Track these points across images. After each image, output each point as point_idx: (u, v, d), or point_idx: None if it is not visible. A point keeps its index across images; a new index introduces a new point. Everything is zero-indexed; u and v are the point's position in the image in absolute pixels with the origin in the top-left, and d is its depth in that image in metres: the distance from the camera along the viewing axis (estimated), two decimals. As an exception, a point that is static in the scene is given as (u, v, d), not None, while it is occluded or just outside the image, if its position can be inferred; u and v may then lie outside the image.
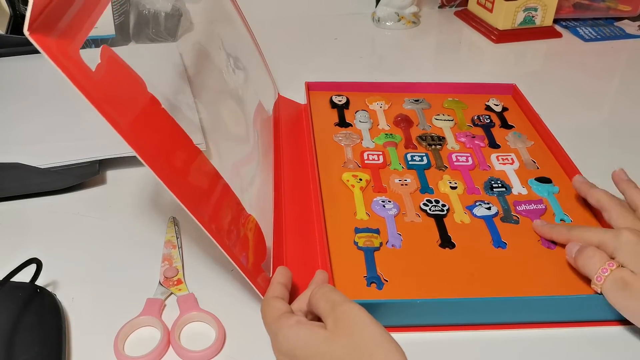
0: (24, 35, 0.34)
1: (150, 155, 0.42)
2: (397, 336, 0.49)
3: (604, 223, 0.59)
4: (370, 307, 0.48)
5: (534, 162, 0.69)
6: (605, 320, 0.51)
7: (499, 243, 0.57)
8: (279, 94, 0.82)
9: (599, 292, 0.49)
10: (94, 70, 0.40)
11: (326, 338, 0.40)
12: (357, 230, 0.58)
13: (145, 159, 0.41)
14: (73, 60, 0.38)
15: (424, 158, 0.69)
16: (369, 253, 0.55)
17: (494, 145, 0.73)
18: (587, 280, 0.53)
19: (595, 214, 0.61)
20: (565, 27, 1.10)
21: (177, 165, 0.46)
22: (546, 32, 1.07)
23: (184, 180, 0.46)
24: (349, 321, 0.40)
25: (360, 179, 0.65)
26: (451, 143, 0.73)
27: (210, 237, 0.45)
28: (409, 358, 0.48)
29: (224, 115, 0.60)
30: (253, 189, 0.58)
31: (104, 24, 0.89)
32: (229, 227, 0.49)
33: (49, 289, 0.51)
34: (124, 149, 0.66)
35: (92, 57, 0.95)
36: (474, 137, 0.73)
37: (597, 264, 0.50)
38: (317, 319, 0.45)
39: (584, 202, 0.63)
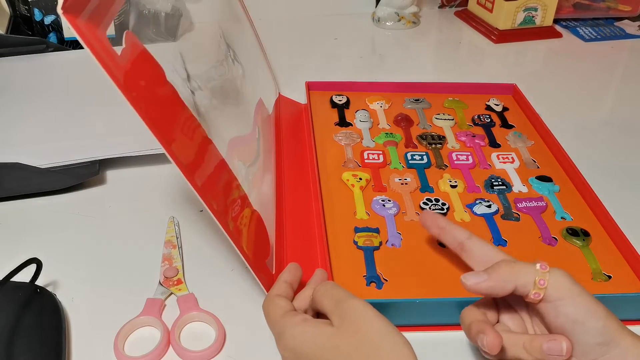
0: (24, 35, 0.34)
1: (168, 142, 0.43)
2: (398, 335, 0.49)
3: (604, 222, 0.60)
4: (371, 306, 0.48)
5: (534, 161, 0.69)
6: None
7: (499, 241, 0.57)
8: (279, 93, 0.82)
9: (540, 298, 0.41)
10: (119, 54, 0.41)
11: (333, 334, 0.40)
12: (357, 230, 0.58)
13: (164, 144, 0.42)
14: (101, 42, 0.39)
15: (424, 157, 0.69)
16: (369, 252, 0.55)
17: (494, 144, 0.73)
18: (589, 278, 0.54)
19: (596, 213, 0.61)
20: (565, 27, 1.10)
21: (190, 154, 0.47)
22: (546, 32, 1.07)
23: (198, 168, 0.47)
24: (354, 317, 0.40)
25: (360, 179, 0.65)
26: (451, 142, 0.73)
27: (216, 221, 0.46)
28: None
29: (222, 102, 0.60)
30: (255, 186, 0.57)
31: (104, 24, 0.89)
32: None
33: (49, 289, 0.51)
34: (124, 149, 0.67)
35: (92, 57, 0.94)
36: (474, 136, 0.73)
37: (528, 267, 0.42)
38: (318, 317, 0.45)
39: (585, 202, 0.63)
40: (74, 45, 0.90)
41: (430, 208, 0.61)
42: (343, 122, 0.76)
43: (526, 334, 0.44)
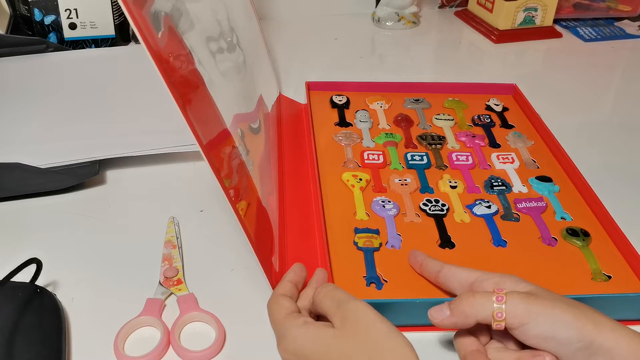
0: (24, 35, 0.35)
1: (192, 119, 0.45)
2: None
3: (604, 222, 0.60)
4: (371, 307, 0.48)
5: (534, 161, 0.69)
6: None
7: (499, 242, 0.57)
8: (280, 92, 0.82)
9: (502, 328, 0.42)
10: (159, 35, 0.45)
11: (335, 335, 0.40)
12: (357, 231, 0.58)
13: (189, 122, 0.44)
14: (144, 20, 0.43)
15: (424, 157, 0.69)
16: (369, 253, 0.55)
17: (494, 144, 0.73)
18: (589, 278, 0.54)
19: (596, 213, 0.61)
20: (565, 27, 1.10)
21: (211, 135, 0.49)
22: (546, 32, 1.07)
23: (215, 150, 0.48)
24: (356, 318, 0.40)
25: (360, 179, 0.65)
26: (451, 142, 0.73)
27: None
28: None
29: (225, 81, 0.61)
30: (257, 182, 0.57)
31: (104, 24, 0.89)
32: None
33: (49, 289, 0.51)
34: (124, 149, 0.67)
35: (92, 57, 0.95)
36: (474, 136, 0.73)
37: (485, 300, 0.42)
38: (319, 318, 0.45)
39: (585, 201, 0.63)
40: (74, 45, 0.90)
41: (430, 209, 0.61)
42: (343, 122, 0.76)
43: (517, 350, 0.43)
